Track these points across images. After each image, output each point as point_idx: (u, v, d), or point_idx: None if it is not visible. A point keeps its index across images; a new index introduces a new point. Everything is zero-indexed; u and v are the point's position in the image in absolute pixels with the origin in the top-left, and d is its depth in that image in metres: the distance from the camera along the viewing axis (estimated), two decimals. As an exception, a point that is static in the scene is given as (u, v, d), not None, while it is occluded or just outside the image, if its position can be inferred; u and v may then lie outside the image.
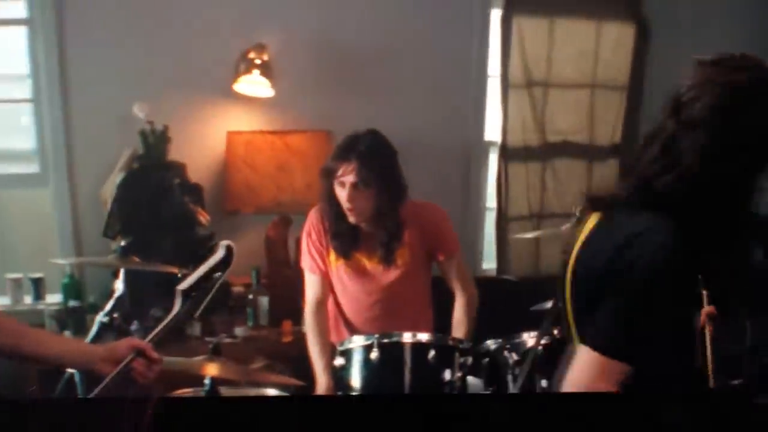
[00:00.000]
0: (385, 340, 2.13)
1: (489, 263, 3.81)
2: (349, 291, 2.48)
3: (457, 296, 2.52)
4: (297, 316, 2.80)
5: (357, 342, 2.17)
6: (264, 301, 3.04)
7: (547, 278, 3.62)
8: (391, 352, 2.12)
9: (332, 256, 2.45)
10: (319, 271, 2.46)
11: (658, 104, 4.06)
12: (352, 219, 2.34)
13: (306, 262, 2.50)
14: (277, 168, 3.18)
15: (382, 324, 2.38)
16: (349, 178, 2.26)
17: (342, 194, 2.30)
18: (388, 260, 2.40)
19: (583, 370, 1.31)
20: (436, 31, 3.49)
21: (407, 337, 2.14)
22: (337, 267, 2.45)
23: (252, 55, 3.13)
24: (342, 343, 2.23)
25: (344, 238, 2.40)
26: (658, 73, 3.86)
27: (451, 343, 2.21)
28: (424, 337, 2.16)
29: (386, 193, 2.32)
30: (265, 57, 3.15)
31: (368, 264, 2.44)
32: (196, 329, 2.93)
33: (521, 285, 3.55)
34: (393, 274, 2.43)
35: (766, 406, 1.17)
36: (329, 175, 2.32)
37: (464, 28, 3.55)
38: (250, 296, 3.05)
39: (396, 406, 1.09)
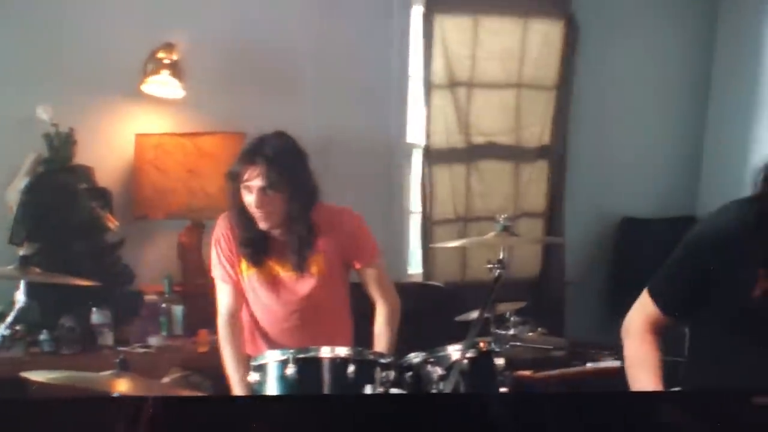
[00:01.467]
0: (301, 356, 2.24)
1: (415, 268, 4.21)
2: (262, 301, 2.63)
3: (378, 307, 2.69)
4: (213, 325, 2.97)
5: (271, 357, 2.28)
6: (178, 309, 3.35)
7: (475, 284, 4.05)
8: (308, 367, 2.23)
9: (244, 264, 2.60)
10: (231, 280, 2.62)
11: (588, 104, 4.56)
12: (262, 225, 2.49)
13: (216, 272, 2.65)
14: (188, 172, 3.49)
15: (300, 335, 2.59)
16: (257, 182, 2.42)
17: (250, 199, 2.46)
18: (301, 268, 2.56)
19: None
20: (355, 30, 3.87)
21: (325, 352, 2.26)
22: (249, 276, 2.60)
23: (161, 54, 3.45)
24: (256, 359, 2.34)
25: (254, 246, 2.56)
26: (588, 72, 4.35)
27: (371, 357, 2.33)
28: (342, 351, 2.27)
29: (296, 198, 2.48)
30: (175, 56, 3.48)
31: (281, 272, 2.59)
32: (108, 339, 3.20)
33: (447, 291, 3.89)
34: (308, 283, 2.59)
35: (766, 406, 1.39)
36: (235, 180, 2.48)
37: (384, 27, 3.94)
38: (164, 305, 3.34)
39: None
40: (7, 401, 1.34)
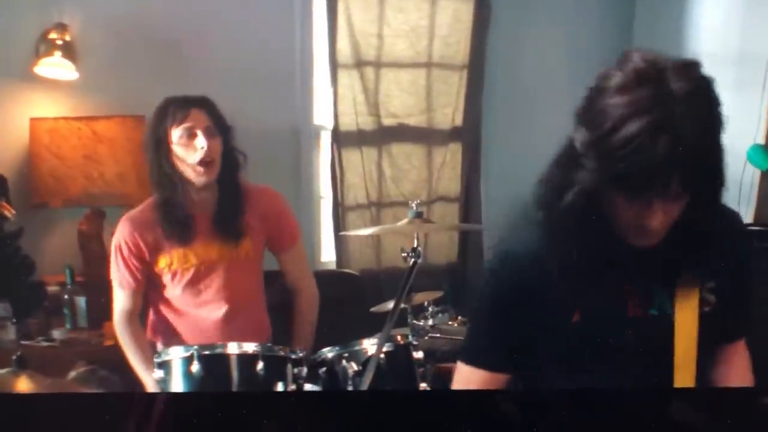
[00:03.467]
0: (206, 352, 2.46)
1: (327, 256, 4.75)
2: (186, 293, 2.91)
3: (297, 295, 3.07)
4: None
5: (175, 354, 2.49)
6: (81, 301, 3.73)
7: (392, 271, 4.56)
8: (214, 364, 2.46)
9: (163, 260, 2.88)
10: (129, 286, 2.92)
11: (501, 83, 5.25)
12: (202, 178, 2.79)
13: (115, 276, 2.95)
14: (85, 157, 3.94)
15: (226, 326, 2.90)
16: (201, 123, 2.80)
17: (195, 146, 2.77)
18: (235, 236, 2.88)
19: None
20: (255, 9, 4.39)
21: (232, 348, 2.49)
22: (172, 269, 2.89)
23: (53, 35, 3.89)
24: (159, 355, 2.56)
25: (181, 229, 2.85)
26: (501, 51, 4.96)
27: (281, 353, 2.54)
28: (250, 347, 2.49)
29: (232, 150, 2.88)
30: (67, 37, 3.92)
31: (209, 255, 2.89)
32: (10, 333, 3.54)
33: (363, 279, 4.40)
34: (236, 268, 2.91)
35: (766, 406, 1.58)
36: (163, 140, 2.80)
37: (286, 5, 4.48)
38: (66, 296, 3.71)
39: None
40: (9, 397, 1.56)
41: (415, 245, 2.57)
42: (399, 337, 2.74)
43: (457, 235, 5.04)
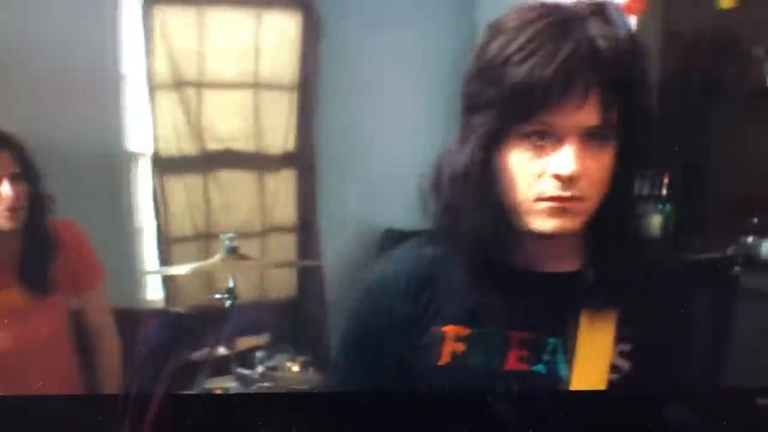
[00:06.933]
0: None
1: (153, 294, 4.45)
2: None
3: (98, 342, 2.92)
4: None
5: None
6: None
7: (216, 308, 4.44)
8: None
9: None
10: None
11: (334, 103, 5.07)
12: (8, 224, 2.63)
13: None
14: None
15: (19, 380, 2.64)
16: (4, 168, 2.62)
17: None
18: (42, 288, 2.71)
19: None
20: (64, 26, 4.09)
21: None
22: None
23: None
24: None
25: None
26: (333, 69, 4.84)
27: None
28: None
29: (40, 195, 2.72)
30: None
31: (13, 303, 2.71)
32: None
33: (191, 317, 4.18)
34: (41, 313, 2.75)
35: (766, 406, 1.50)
36: None
37: (97, 20, 4.21)
38: None
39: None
40: (7, 398, 1.47)
41: (231, 285, 2.55)
42: (217, 390, 2.80)
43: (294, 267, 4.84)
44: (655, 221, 4.16)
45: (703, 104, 4.32)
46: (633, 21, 4.16)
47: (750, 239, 4.13)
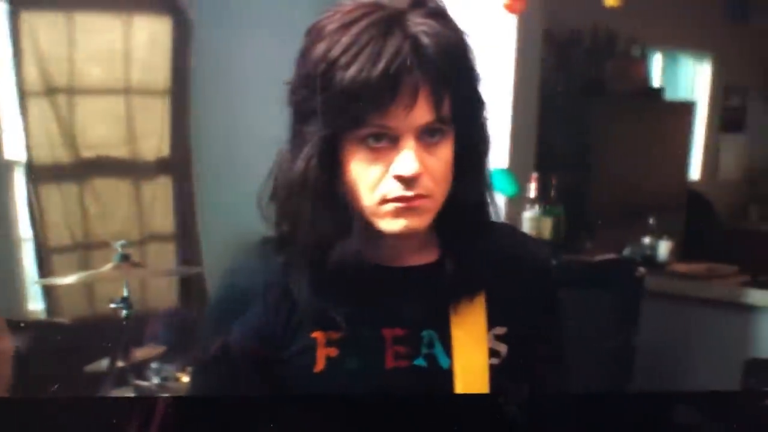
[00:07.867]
0: None
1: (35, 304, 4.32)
2: None
3: None
4: None
5: None
6: None
7: (110, 319, 4.30)
8: None
9: None
10: None
11: (208, 108, 5.05)
12: None
13: None
14: None
15: None
16: None
17: None
18: None
19: None
20: None
21: None
22: None
23: None
24: None
25: None
26: (208, 71, 4.77)
27: None
28: None
29: None
30: None
31: None
32: None
33: (76, 329, 4.12)
34: None
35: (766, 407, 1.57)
36: None
37: None
38: None
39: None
40: (9, 400, 1.46)
41: (125, 294, 2.46)
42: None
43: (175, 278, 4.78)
44: (545, 224, 4.25)
45: (584, 105, 4.48)
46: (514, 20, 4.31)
47: (647, 240, 4.31)
